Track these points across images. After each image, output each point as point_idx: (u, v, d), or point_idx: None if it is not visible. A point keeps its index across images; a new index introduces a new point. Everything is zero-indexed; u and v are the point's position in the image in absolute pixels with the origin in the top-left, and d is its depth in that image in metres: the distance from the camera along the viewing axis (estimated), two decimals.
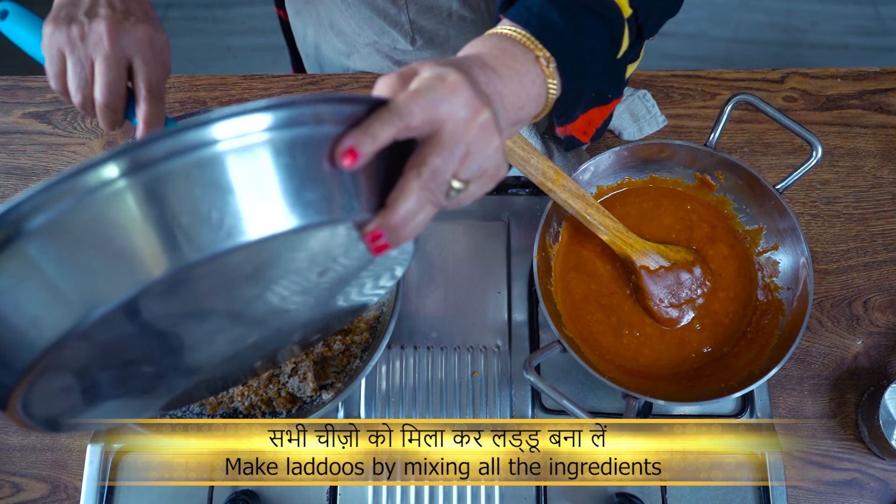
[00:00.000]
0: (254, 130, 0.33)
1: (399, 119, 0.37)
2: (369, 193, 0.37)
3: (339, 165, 0.36)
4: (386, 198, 0.38)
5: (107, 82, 0.55)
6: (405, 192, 0.38)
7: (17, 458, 0.75)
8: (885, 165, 0.85)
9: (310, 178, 0.34)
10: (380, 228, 0.38)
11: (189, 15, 2.07)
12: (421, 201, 0.39)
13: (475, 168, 0.41)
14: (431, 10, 0.84)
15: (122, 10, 0.57)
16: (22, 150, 0.88)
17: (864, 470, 0.74)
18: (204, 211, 0.31)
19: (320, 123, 0.35)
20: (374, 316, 0.73)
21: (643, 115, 0.87)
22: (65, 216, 0.30)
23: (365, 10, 0.85)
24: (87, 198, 0.30)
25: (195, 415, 0.70)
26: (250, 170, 0.33)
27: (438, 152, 0.39)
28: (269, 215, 0.33)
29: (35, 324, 0.31)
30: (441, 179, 0.39)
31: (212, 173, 0.32)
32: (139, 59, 0.56)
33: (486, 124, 0.41)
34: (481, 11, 0.85)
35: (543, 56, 0.50)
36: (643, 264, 0.72)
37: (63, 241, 0.30)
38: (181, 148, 0.31)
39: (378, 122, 0.37)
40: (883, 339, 0.79)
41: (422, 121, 0.38)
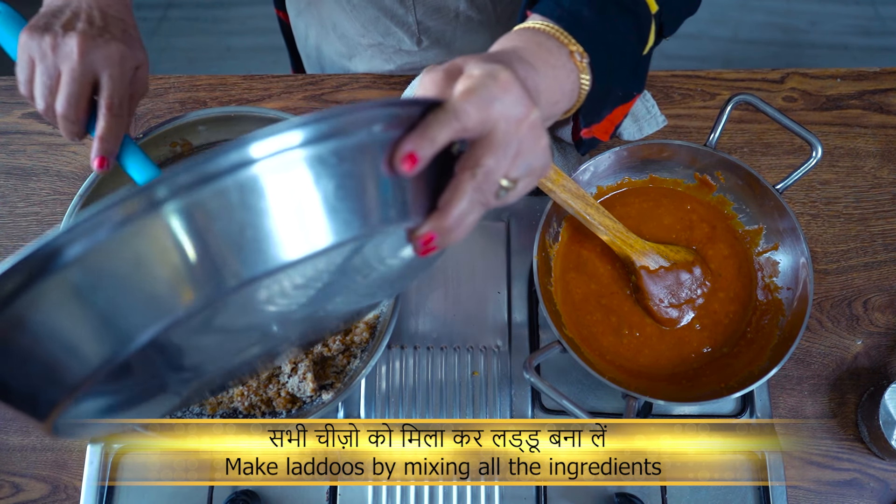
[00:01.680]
0: (294, 145, 0.32)
1: (456, 121, 0.37)
2: (419, 197, 0.37)
3: (399, 171, 0.35)
4: (434, 200, 0.38)
5: (68, 94, 0.56)
6: (458, 194, 0.38)
7: (17, 458, 0.75)
8: (885, 165, 0.85)
9: (360, 189, 0.34)
10: (433, 231, 0.38)
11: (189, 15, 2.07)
12: (473, 203, 0.38)
13: (524, 167, 0.41)
14: (439, 10, 0.84)
15: (100, 27, 0.58)
16: (22, 150, 0.88)
17: (864, 470, 0.74)
18: (247, 233, 0.31)
19: (372, 130, 0.34)
20: (375, 316, 0.73)
21: (643, 115, 0.86)
22: (102, 246, 0.30)
23: (371, 10, 0.85)
24: (124, 227, 0.30)
25: (195, 415, 0.70)
26: (295, 187, 0.32)
27: (492, 153, 0.39)
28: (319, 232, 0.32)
29: (75, 352, 0.31)
30: (493, 180, 0.39)
31: (251, 197, 0.31)
32: (105, 75, 0.57)
33: (535, 123, 0.41)
34: (488, 12, 0.85)
35: (577, 51, 0.50)
36: (643, 264, 0.72)
37: (101, 271, 0.30)
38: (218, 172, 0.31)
39: (436, 125, 0.36)
40: (883, 339, 0.79)
41: (477, 122, 0.38)
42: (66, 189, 0.86)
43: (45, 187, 0.86)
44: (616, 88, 0.57)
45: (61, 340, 0.31)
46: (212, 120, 0.74)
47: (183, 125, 0.73)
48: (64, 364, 0.32)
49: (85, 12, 0.59)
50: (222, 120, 0.74)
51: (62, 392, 0.32)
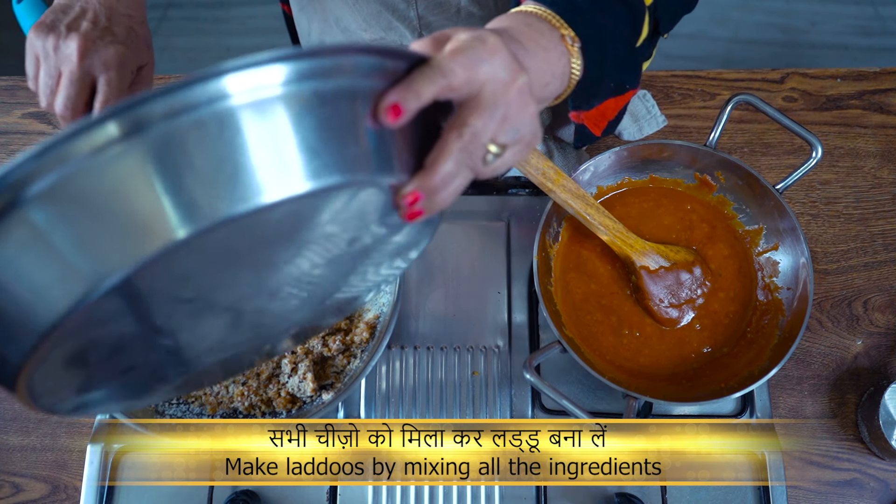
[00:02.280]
0: (274, 83, 0.30)
1: (442, 77, 0.37)
2: (404, 154, 0.36)
3: (383, 121, 0.34)
4: (421, 161, 0.37)
5: (66, 96, 0.58)
6: (444, 153, 0.37)
7: (17, 458, 0.75)
8: (885, 165, 0.85)
9: (344, 135, 0.33)
10: (419, 190, 0.37)
11: (189, 15, 2.07)
12: (459, 164, 0.38)
13: (512, 133, 0.41)
14: (440, 5, 0.85)
15: (104, 27, 0.60)
16: (22, 150, 0.88)
17: (864, 470, 0.74)
18: (221, 171, 0.29)
19: (357, 76, 0.33)
20: (375, 316, 0.73)
21: (643, 115, 0.87)
22: (67, 179, 0.28)
23: (373, 4, 0.86)
24: (89, 160, 0.28)
25: (195, 415, 0.70)
26: (273, 125, 0.30)
27: (479, 114, 0.38)
28: (300, 174, 0.31)
29: (43, 296, 0.29)
30: (480, 142, 0.39)
31: (228, 131, 0.30)
32: (103, 79, 0.59)
33: (523, 88, 0.41)
34: (489, 8, 0.86)
35: (569, 35, 0.50)
36: (643, 264, 0.72)
37: (67, 207, 0.28)
38: (191, 104, 0.29)
39: (422, 79, 0.36)
40: (883, 339, 0.79)
41: (463, 80, 0.38)
42: None
43: None
44: (608, 78, 0.57)
45: (26, 284, 0.29)
46: None
47: None
48: (30, 311, 0.29)
49: (92, 10, 0.60)
50: None
51: (29, 343, 0.30)
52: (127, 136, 0.28)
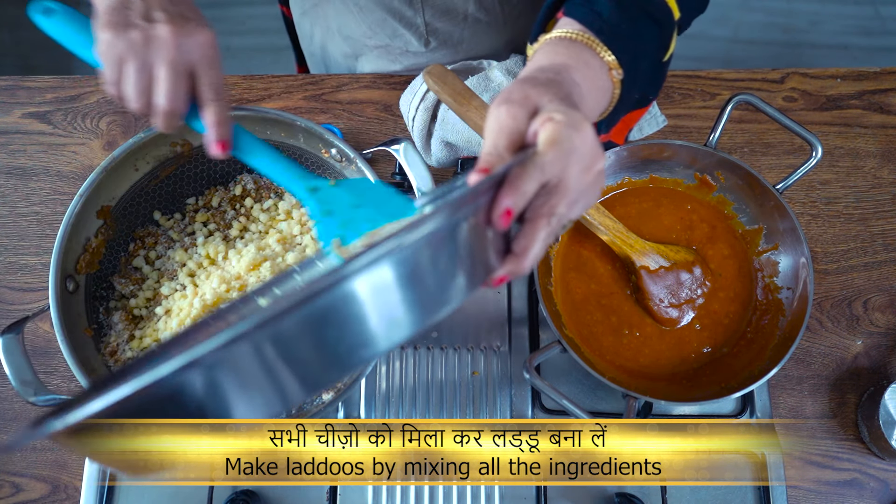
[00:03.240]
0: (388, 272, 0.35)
1: (542, 175, 0.40)
2: (498, 245, 0.40)
3: (499, 226, 0.38)
4: (506, 244, 0.41)
5: (168, 87, 0.53)
6: (534, 240, 0.40)
7: (17, 458, 0.75)
8: (885, 165, 0.85)
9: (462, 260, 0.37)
10: (509, 275, 0.41)
11: None
12: (545, 247, 0.41)
13: (582, 209, 0.44)
14: (448, 12, 0.84)
15: (177, 13, 0.55)
16: (22, 150, 0.88)
17: (864, 470, 0.74)
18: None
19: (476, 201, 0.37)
20: None
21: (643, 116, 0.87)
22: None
23: (379, 12, 0.85)
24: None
25: None
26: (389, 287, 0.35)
27: (565, 200, 0.41)
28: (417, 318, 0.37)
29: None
30: (561, 224, 0.42)
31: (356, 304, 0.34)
32: (203, 63, 0.55)
33: (601, 172, 0.44)
34: (496, 14, 0.86)
35: (616, 69, 0.51)
36: (643, 264, 0.72)
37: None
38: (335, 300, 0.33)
39: (527, 179, 0.39)
40: (883, 339, 0.79)
41: (558, 173, 0.40)
42: (66, 189, 0.86)
43: (45, 187, 0.86)
44: (635, 94, 0.57)
45: None
46: None
47: (183, 125, 0.73)
48: None
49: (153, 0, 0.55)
50: None
51: None
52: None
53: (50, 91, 0.90)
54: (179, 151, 0.76)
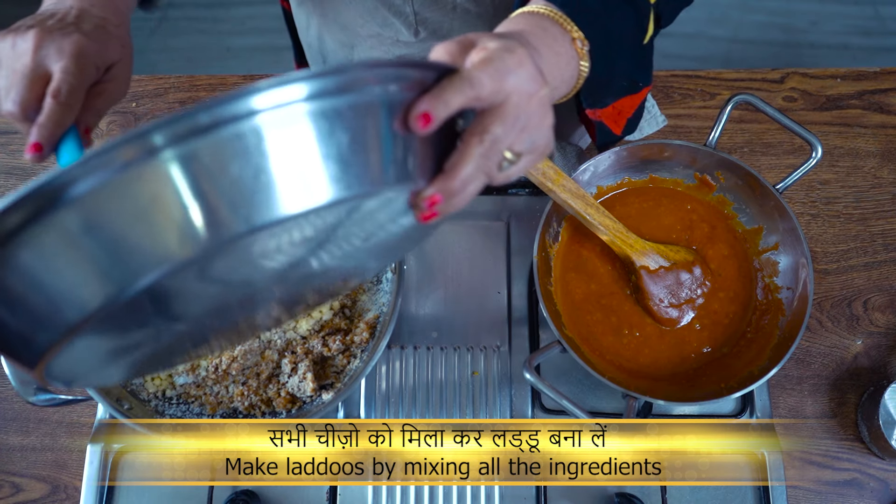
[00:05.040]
0: (298, 98, 0.32)
1: (470, 88, 0.38)
2: (425, 160, 0.38)
3: (414, 129, 0.36)
4: (438, 166, 0.39)
5: (14, 92, 0.53)
6: (465, 157, 0.39)
7: (17, 458, 0.75)
8: (885, 165, 0.85)
9: (368, 146, 0.34)
10: (438, 193, 0.38)
11: (189, 15, 2.07)
12: (478, 169, 0.39)
13: (528, 142, 0.42)
14: (437, 2, 0.85)
15: (68, 23, 0.55)
16: (22, 150, 0.88)
17: (864, 470, 0.74)
18: (247, 184, 0.31)
19: (386, 86, 0.35)
20: (375, 316, 0.73)
21: (643, 115, 0.87)
22: (104, 187, 0.30)
23: (370, 0, 0.86)
24: (125, 170, 0.30)
25: (195, 415, 0.70)
26: (298, 140, 0.32)
27: (501, 122, 0.40)
28: (325, 186, 0.33)
29: (73, 294, 0.32)
30: (498, 149, 0.40)
31: (256, 146, 0.31)
32: (57, 67, 0.53)
33: (544, 100, 0.42)
34: (486, 5, 0.86)
35: (579, 38, 0.51)
36: (643, 264, 0.72)
37: (102, 213, 0.31)
38: (221, 120, 0.31)
39: (451, 89, 0.37)
40: (883, 339, 0.79)
41: (490, 91, 0.39)
42: None
43: None
44: (618, 77, 0.57)
45: (59, 281, 0.31)
46: None
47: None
48: (61, 305, 0.32)
49: (62, 13, 0.57)
50: None
51: (56, 333, 0.32)
52: (161, 150, 0.30)
53: None
54: None
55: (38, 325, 0.33)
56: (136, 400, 0.69)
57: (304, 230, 0.36)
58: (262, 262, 0.38)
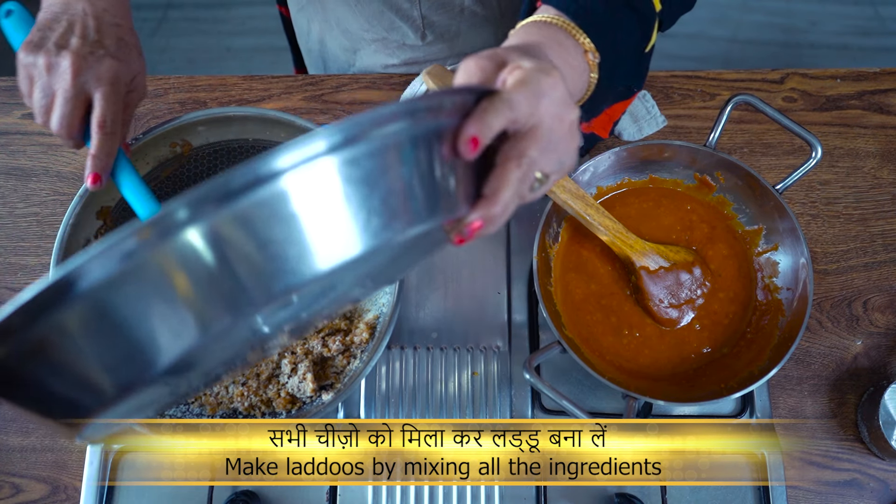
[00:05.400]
0: (324, 152, 0.31)
1: (510, 110, 0.38)
2: (467, 187, 0.38)
3: (465, 154, 0.36)
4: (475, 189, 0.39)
5: (61, 115, 0.57)
6: (506, 182, 0.39)
7: (17, 458, 0.75)
8: (885, 166, 0.85)
9: (417, 182, 0.34)
10: (482, 219, 0.38)
11: (189, 15, 2.07)
12: (516, 194, 0.40)
13: (557, 163, 0.43)
14: (444, 5, 0.85)
15: (94, 41, 0.59)
16: (22, 150, 0.88)
17: (863, 470, 0.74)
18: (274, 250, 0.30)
19: (432, 118, 0.35)
20: (375, 316, 0.73)
21: (643, 116, 0.87)
22: (123, 274, 0.29)
23: (376, 4, 0.86)
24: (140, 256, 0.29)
25: (195, 415, 0.70)
26: (330, 195, 0.31)
27: (537, 145, 0.40)
28: (364, 234, 0.32)
29: (116, 368, 0.31)
30: (533, 172, 0.41)
31: (283, 209, 0.30)
32: (98, 94, 0.58)
33: (574, 124, 0.43)
34: (493, 8, 0.86)
35: (591, 51, 0.51)
36: (643, 265, 0.72)
37: (124, 299, 0.30)
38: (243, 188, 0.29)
39: (493, 113, 0.38)
40: (883, 340, 0.79)
41: (527, 114, 0.39)
42: (66, 189, 0.86)
43: (45, 188, 0.86)
44: (617, 84, 0.58)
45: (81, 368, 0.31)
46: (211, 120, 0.74)
47: (183, 125, 0.73)
48: (89, 387, 0.32)
49: (80, 23, 0.59)
50: (222, 120, 0.74)
51: (92, 408, 0.32)
52: (184, 229, 0.29)
53: None
54: (179, 152, 0.76)
55: (73, 402, 0.33)
56: None
57: (355, 275, 0.36)
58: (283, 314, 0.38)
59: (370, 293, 0.57)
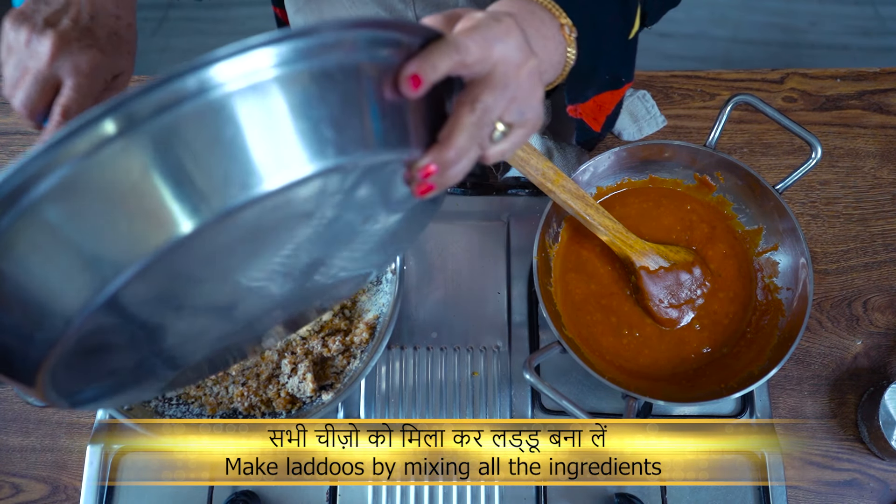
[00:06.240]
0: (267, 66, 0.30)
1: (457, 53, 0.37)
2: (417, 128, 0.36)
3: (404, 91, 0.35)
4: (431, 137, 0.38)
5: (26, 94, 0.54)
6: (458, 126, 0.38)
7: (17, 458, 0.75)
8: (885, 165, 0.85)
9: (359, 108, 0.33)
10: (434, 163, 0.37)
11: (189, 15, 2.07)
12: (471, 139, 0.39)
13: (519, 113, 0.42)
14: (438, 7, 0.85)
15: (85, 27, 0.56)
16: (22, 150, 0.88)
17: (863, 470, 0.74)
18: (223, 161, 0.29)
19: (367, 50, 0.33)
20: (374, 316, 0.73)
21: (643, 116, 0.87)
22: (68, 179, 0.28)
23: (371, 5, 0.86)
24: (88, 158, 0.28)
25: (195, 415, 0.70)
26: (271, 109, 0.30)
27: (491, 91, 0.39)
28: (303, 156, 0.30)
29: (58, 294, 0.30)
30: (489, 119, 0.40)
31: (227, 120, 0.29)
32: (70, 83, 0.55)
33: (533, 71, 0.42)
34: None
35: (567, 25, 0.51)
36: (643, 265, 0.72)
37: (72, 206, 0.29)
38: (184, 95, 0.29)
39: (438, 53, 0.37)
40: (883, 340, 0.79)
41: (477, 57, 0.39)
42: None
43: None
44: (602, 69, 0.58)
45: (39, 284, 0.30)
46: None
47: None
48: (46, 310, 0.30)
49: (76, 6, 0.56)
50: None
51: (49, 338, 0.31)
52: (124, 132, 0.28)
53: None
54: None
55: (28, 338, 0.31)
56: None
57: (301, 205, 0.34)
58: (250, 258, 0.37)
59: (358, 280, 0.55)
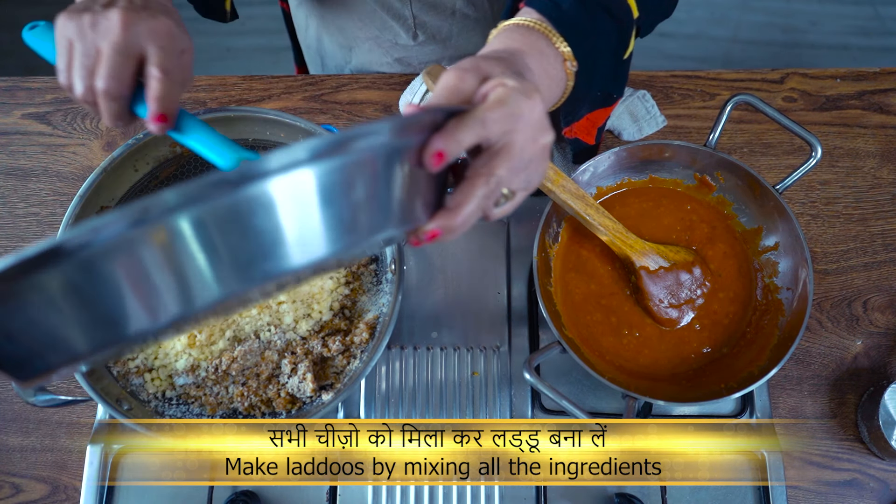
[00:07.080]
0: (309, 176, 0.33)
1: (482, 128, 0.39)
2: (428, 197, 0.39)
3: (429, 167, 0.37)
4: (435, 200, 0.40)
5: (109, 67, 0.49)
6: (470, 196, 0.40)
7: (17, 458, 0.75)
8: (885, 165, 0.85)
9: (382, 192, 0.36)
10: (440, 229, 0.40)
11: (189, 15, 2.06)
12: (479, 208, 0.40)
13: (524, 182, 0.43)
14: (435, 7, 0.85)
15: (140, 5, 0.51)
16: (22, 150, 0.88)
17: (863, 470, 0.74)
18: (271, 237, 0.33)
19: (402, 136, 0.36)
20: (374, 316, 0.73)
21: (643, 116, 0.87)
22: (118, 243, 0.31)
23: (369, 3, 0.86)
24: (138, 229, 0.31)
25: (195, 415, 0.70)
26: (305, 199, 0.34)
27: (507, 164, 0.41)
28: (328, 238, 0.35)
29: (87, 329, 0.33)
30: (500, 190, 0.41)
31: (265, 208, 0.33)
32: (154, 47, 0.50)
33: (547, 146, 0.43)
34: (485, 10, 0.86)
35: (570, 60, 0.52)
36: (643, 265, 0.72)
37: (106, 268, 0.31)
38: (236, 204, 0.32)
39: (464, 130, 0.39)
40: (883, 340, 0.79)
41: (500, 134, 0.40)
42: (66, 189, 0.86)
43: (45, 188, 0.86)
44: (595, 90, 0.58)
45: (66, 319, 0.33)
46: (211, 121, 0.74)
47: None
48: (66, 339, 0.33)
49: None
50: (222, 121, 0.74)
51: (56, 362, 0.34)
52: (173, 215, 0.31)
53: (50, 92, 0.90)
54: (179, 152, 0.76)
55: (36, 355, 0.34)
56: (135, 400, 0.69)
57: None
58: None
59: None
